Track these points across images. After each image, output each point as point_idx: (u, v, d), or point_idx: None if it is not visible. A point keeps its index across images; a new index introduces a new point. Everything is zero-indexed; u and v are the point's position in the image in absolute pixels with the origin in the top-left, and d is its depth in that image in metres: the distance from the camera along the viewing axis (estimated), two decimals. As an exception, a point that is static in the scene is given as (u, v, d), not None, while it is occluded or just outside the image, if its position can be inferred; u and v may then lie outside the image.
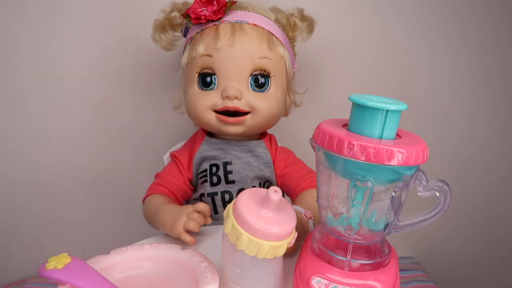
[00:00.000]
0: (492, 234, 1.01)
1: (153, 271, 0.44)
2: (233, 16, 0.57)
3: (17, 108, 0.80)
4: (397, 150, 0.33)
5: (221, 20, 0.57)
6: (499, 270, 1.03)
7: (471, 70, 0.87)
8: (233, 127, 0.58)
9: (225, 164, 0.61)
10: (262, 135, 0.65)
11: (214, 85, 0.58)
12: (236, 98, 0.56)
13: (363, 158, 0.33)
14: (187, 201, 0.65)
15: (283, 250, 0.37)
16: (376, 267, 0.39)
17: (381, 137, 0.35)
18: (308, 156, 0.60)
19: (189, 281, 0.41)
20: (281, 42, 0.59)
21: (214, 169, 0.61)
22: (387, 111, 0.34)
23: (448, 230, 0.99)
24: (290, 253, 0.47)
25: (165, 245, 0.47)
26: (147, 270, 0.44)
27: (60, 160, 0.84)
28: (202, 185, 0.61)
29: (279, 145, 0.66)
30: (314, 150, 0.39)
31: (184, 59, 0.60)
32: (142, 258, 0.45)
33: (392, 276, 0.39)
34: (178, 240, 0.50)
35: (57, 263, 0.38)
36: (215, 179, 0.61)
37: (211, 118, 0.58)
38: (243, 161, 0.61)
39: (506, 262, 1.03)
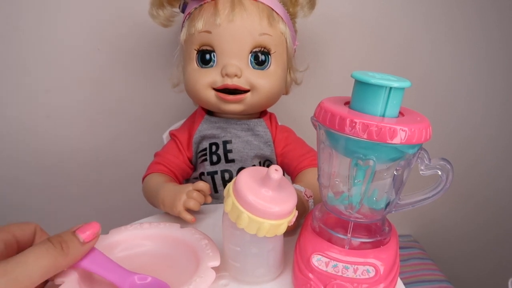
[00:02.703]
0: (489, 212, 1.02)
1: (153, 249, 0.44)
2: (233, -10, 0.56)
3: (15, 87, 0.79)
4: (400, 128, 0.32)
5: (220, -5, 0.55)
6: (495, 247, 1.05)
7: (473, 47, 0.86)
8: (233, 105, 0.57)
9: (225, 143, 0.60)
10: (262, 113, 0.65)
11: (214, 62, 0.57)
12: (236, 75, 0.55)
13: (365, 136, 0.32)
14: (187, 180, 0.65)
15: (283, 229, 0.37)
16: (376, 245, 0.39)
17: (383, 115, 0.35)
18: (308, 135, 0.60)
19: (190, 258, 0.41)
20: (282, 18, 0.58)
21: (213, 148, 0.61)
22: (390, 88, 0.34)
23: (446, 208, 1.00)
24: (291, 231, 0.47)
25: (164, 224, 0.47)
26: (147, 248, 0.44)
27: (58, 139, 0.84)
28: (201, 164, 0.61)
29: (280, 123, 0.65)
30: (315, 129, 0.39)
31: (183, 35, 0.59)
32: (142, 236, 0.45)
33: (392, 254, 0.39)
34: (178, 219, 0.50)
35: None
36: (214, 158, 0.61)
37: (211, 96, 0.57)
38: (243, 140, 0.61)
39: (503, 240, 1.04)
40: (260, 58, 0.57)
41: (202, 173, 0.61)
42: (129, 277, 0.38)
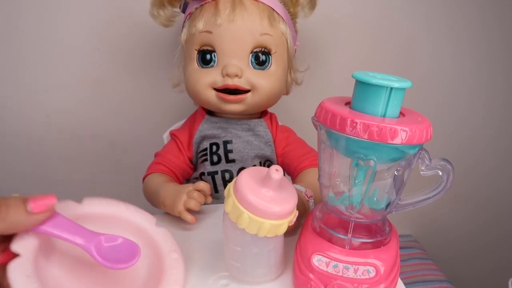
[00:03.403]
0: (489, 212, 1.02)
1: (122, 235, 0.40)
2: (233, -10, 0.56)
3: (15, 87, 0.79)
4: (401, 129, 0.32)
5: (220, -5, 0.55)
6: (496, 247, 1.05)
7: (473, 47, 0.86)
8: (233, 105, 0.57)
9: (225, 143, 0.60)
10: (262, 113, 0.65)
11: (214, 62, 0.57)
12: (236, 76, 0.55)
13: (366, 136, 0.32)
14: (187, 180, 0.65)
15: (284, 229, 0.37)
16: (376, 245, 0.39)
17: (384, 115, 0.35)
18: (309, 135, 0.60)
19: (152, 265, 0.40)
20: (283, 18, 0.58)
21: (214, 148, 0.61)
22: (391, 88, 0.34)
23: (446, 208, 1.00)
24: (291, 231, 0.47)
25: (142, 214, 0.43)
26: (116, 232, 0.40)
27: (58, 140, 0.84)
28: (202, 164, 0.61)
29: (280, 123, 0.65)
30: (316, 129, 0.39)
31: (183, 35, 0.59)
32: (114, 218, 0.41)
33: (393, 255, 0.39)
34: (178, 219, 0.50)
35: None
36: (215, 158, 0.61)
37: (211, 96, 0.57)
38: (244, 140, 0.61)
39: (503, 240, 1.04)
40: (260, 58, 0.57)
41: (203, 173, 0.61)
42: (94, 238, 0.35)
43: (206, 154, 0.61)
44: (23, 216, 0.32)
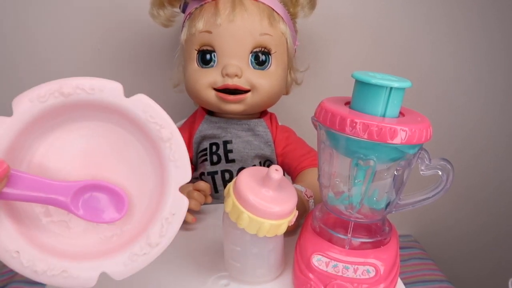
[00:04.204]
0: (489, 212, 1.02)
1: (90, 144, 0.33)
2: (233, -10, 0.56)
3: (15, 87, 0.79)
4: (400, 129, 0.32)
5: (220, -5, 0.55)
6: (496, 247, 1.05)
7: (473, 47, 0.86)
8: (233, 105, 0.57)
9: (225, 143, 0.60)
10: (262, 113, 0.65)
11: (214, 62, 0.57)
12: (236, 75, 0.55)
13: (365, 136, 0.32)
14: (187, 180, 0.65)
15: (283, 229, 0.37)
16: (376, 245, 0.39)
17: (384, 115, 0.35)
18: (309, 135, 0.60)
19: (142, 157, 0.33)
20: (282, 18, 0.58)
21: (214, 148, 0.61)
22: (391, 88, 0.34)
23: (446, 208, 1.00)
24: (291, 231, 0.47)
25: (100, 84, 0.32)
26: (76, 126, 0.32)
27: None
28: (202, 164, 0.61)
29: (280, 123, 0.65)
30: (316, 129, 0.39)
31: (183, 35, 0.59)
32: (64, 107, 0.31)
33: (393, 254, 0.39)
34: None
35: None
36: (215, 158, 0.61)
37: (211, 96, 0.57)
38: (243, 140, 0.61)
39: (503, 240, 1.04)
40: (260, 58, 0.57)
41: (203, 173, 0.61)
42: (68, 190, 0.30)
43: (206, 154, 0.61)
44: None
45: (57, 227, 0.32)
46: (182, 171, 0.32)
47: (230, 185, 0.37)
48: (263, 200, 0.35)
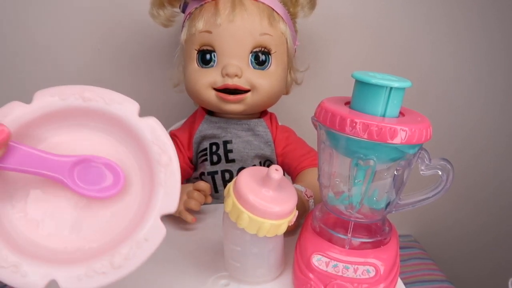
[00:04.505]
0: (489, 212, 1.02)
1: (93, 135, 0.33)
2: (233, -10, 0.56)
3: (15, 87, 0.79)
4: (400, 128, 0.32)
5: (220, -5, 0.55)
6: (496, 247, 1.05)
7: (473, 47, 0.86)
8: (233, 105, 0.57)
9: (225, 142, 0.60)
10: (262, 113, 0.65)
11: (214, 62, 0.57)
12: (236, 75, 0.55)
13: (365, 136, 0.32)
14: (187, 180, 0.65)
15: (283, 229, 0.37)
16: (376, 245, 0.39)
17: (384, 115, 0.35)
18: (308, 135, 0.60)
19: (137, 175, 0.33)
20: (282, 18, 0.58)
21: (214, 148, 0.61)
22: (391, 88, 0.34)
23: (446, 208, 1.00)
24: (291, 231, 0.47)
25: (118, 99, 0.33)
26: (84, 132, 0.33)
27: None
28: (202, 164, 0.61)
29: (280, 123, 0.65)
30: (316, 129, 0.39)
31: (183, 35, 0.59)
32: (80, 111, 0.32)
33: (393, 254, 0.39)
34: (178, 219, 0.50)
35: None
36: (215, 158, 0.61)
37: (211, 96, 0.57)
38: (243, 140, 0.61)
39: (503, 240, 1.04)
40: (260, 58, 0.57)
41: (203, 173, 0.61)
42: (65, 164, 0.30)
43: (206, 154, 0.61)
44: None
45: (24, 224, 0.31)
46: (169, 199, 0.31)
47: (230, 185, 0.37)
48: (263, 200, 0.35)
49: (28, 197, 0.32)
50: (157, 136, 0.31)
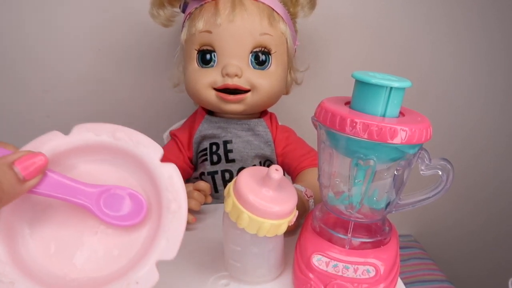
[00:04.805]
0: (489, 212, 1.02)
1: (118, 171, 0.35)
2: (233, -10, 0.56)
3: (15, 87, 0.79)
4: (400, 128, 0.32)
5: (220, -5, 0.55)
6: (496, 247, 1.05)
7: (473, 47, 0.86)
8: (233, 105, 0.57)
9: (225, 142, 0.60)
10: (262, 113, 0.65)
11: (214, 62, 0.57)
12: (236, 75, 0.55)
13: (365, 136, 0.32)
14: (187, 180, 0.65)
15: (283, 229, 0.37)
16: (376, 245, 0.39)
17: (384, 115, 0.35)
18: (308, 135, 0.60)
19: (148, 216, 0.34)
20: (282, 18, 0.58)
21: (214, 147, 0.61)
22: (391, 88, 0.34)
23: (446, 208, 1.00)
24: (291, 231, 0.47)
25: (145, 143, 0.35)
26: (112, 167, 0.35)
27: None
28: (202, 164, 0.61)
29: (280, 123, 0.65)
30: (316, 129, 0.39)
31: (183, 35, 0.59)
32: (110, 149, 0.34)
33: (393, 254, 0.39)
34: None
35: None
36: (215, 157, 0.61)
37: (211, 96, 0.57)
38: (243, 140, 0.61)
39: (503, 240, 1.04)
40: (260, 58, 0.57)
41: (203, 173, 0.61)
42: (94, 193, 0.32)
43: (206, 154, 0.61)
44: (16, 186, 0.27)
45: (35, 244, 0.33)
46: (169, 247, 0.31)
47: (230, 185, 0.37)
48: (263, 200, 0.35)
49: (44, 220, 0.33)
50: (172, 183, 0.33)
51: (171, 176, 0.33)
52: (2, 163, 0.27)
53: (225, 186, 0.56)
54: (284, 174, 0.41)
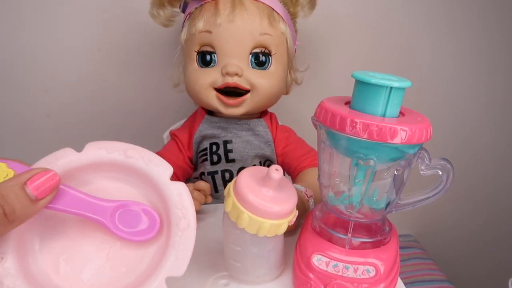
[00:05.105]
0: (489, 212, 1.02)
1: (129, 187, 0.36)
2: (233, -10, 0.56)
3: (15, 87, 0.79)
4: (400, 128, 0.32)
5: (220, -5, 0.55)
6: (496, 247, 1.05)
7: (473, 47, 0.86)
8: (234, 109, 0.57)
9: (225, 142, 0.60)
10: (262, 113, 0.65)
11: (214, 62, 0.57)
12: (236, 74, 0.55)
13: (365, 136, 0.32)
14: (187, 180, 0.65)
15: (283, 229, 0.37)
16: (376, 245, 0.39)
17: (384, 115, 0.35)
18: (308, 135, 0.60)
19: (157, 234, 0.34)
20: (282, 18, 0.58)
21: (214, 147, 0.61)
22: (391, 88, 0.34)
23: (446, 208, 1.00)
24: (291, 231, 0.47)
25: (155, 161, 0.35)
26: (122, 184, 0.36)
27: (58, 140, 0.84)
28: (202, 163, 0.61)
29: (280, 123, 0.65)
30: (316, 128, 0.39)
31: (183, 35, 0.59)
32: (122, 166, 0.35)
33: (393, 254, 0.39)
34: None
35: None
36: (215, 157, 0.61)
37: (211, 97, 0.57)
38: (244, 140, 0.61)
39: (503, 240, 1.04)
40: (260, 58, 0.57)
41: (203, 173, 0.61)
42: (108, 208, 0.33)
43: (206, 154, 0.61)
44: (28, 207, 0.27)
45: (44, 257, 0.33)
46: (179, 263, 0.32)
47: (230, 185, 0.37)
48: (263, 200, 0.35)
49: (55, 234, 0.34)
50: (182, 201, 0.34)
51: (180, 194, 0.34)
52: (14, 184, 0.27)
53: (225, 186, 0.56)
54: (284, 174, 0.41)
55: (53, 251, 0.33)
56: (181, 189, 0.34)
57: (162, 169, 0.34)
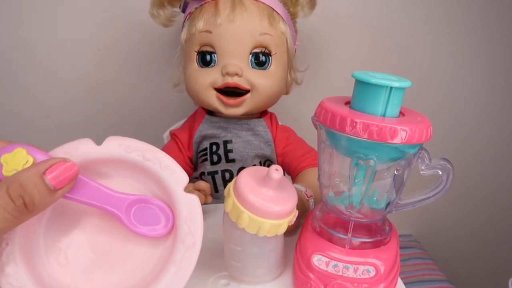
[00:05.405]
0: (490, 212, 1.02)
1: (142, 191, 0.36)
2: (233, -10, 0.56)
3: (15, 87, 0.79)
4: (401, 128, 0.32)
5: (220, -5, 0.55)
6: (496, 247, 1.05)
7: (473, 47, 0.86)
8: (234, 109, 0.57)
9: (225, 142, 0.60)
10: (262, 113, 0.65)
11: (214, 62, 0.57)
12: (236, 74, 0.55)
13: (365, 136, 0.32)
14: (187, 180, 0.65)
15: (284, 229, 0.37)
16: (376, 245, 0.39)
17: (384, 115, 0.35)
18: (308, 135, 0.60)
19: (162, 245, 0.34)
20: (282, 18, 0.58)
21: (214, 147, 0.61)
22: (391, 88, 0.34)
23: (446, 208, 1.00)
24: (291, 231, 0.47)
25: (173, 168, 0.34)
26: (137, 186, 0.36)
27: (59, 140, 0.84)
28: (202, 163, 0.61)
29: (280, 123, 0.65)
30: (316, 128, 0.39)
31: (183, 35, 0.59)
32: (139, 168, 0.34)
33: (393, 254, 0.39)
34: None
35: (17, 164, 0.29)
36: (215, 157, 0.61)
37: (211, 97, 0.57)
38: (244, 140, 0.61)
39: (503, 240, 1.04)
40: (260, 58, 0.57)
41: (203, 173, 0.61)
42: (124, 201, 0.33)
43: (206, 154, 0.61)
44: (47, 197, 0.28)
45: (48, 251, 0.33)
46: (178, 281, 0.32)
47: (230, 185, 0.37)
48: (263, 200, 0.35)
49: (62, 226, 0.34)
50: (192, 215, 0.33)
51: (193, 207, 0.33)
52: (33, 174, 0.27)
53: (225, 186, 0.56)
54: (284, 174, 0.41)
55: (56, 248, 0.34)
56: (194, 201, 0.33)
57: (178, 178, 0.34)
